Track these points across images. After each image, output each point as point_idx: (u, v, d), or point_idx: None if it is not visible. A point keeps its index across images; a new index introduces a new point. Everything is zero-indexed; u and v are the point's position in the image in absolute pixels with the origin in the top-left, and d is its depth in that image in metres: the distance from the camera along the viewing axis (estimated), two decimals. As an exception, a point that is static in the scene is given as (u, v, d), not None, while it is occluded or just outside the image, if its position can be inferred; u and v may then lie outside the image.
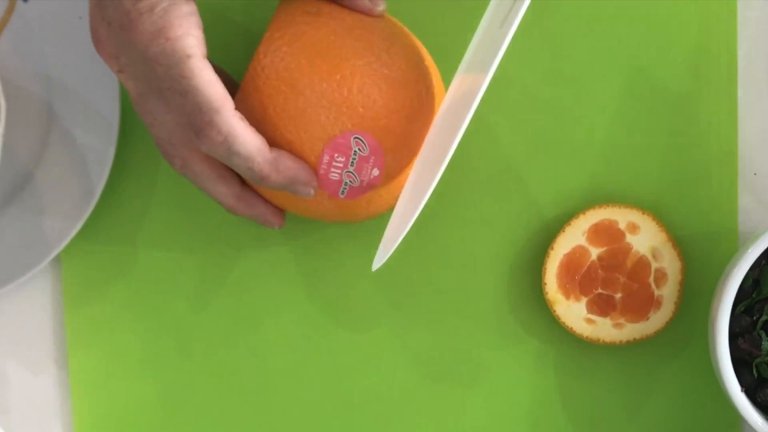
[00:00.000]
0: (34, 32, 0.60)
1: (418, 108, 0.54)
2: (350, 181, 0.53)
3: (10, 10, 0.60)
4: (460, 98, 0.51)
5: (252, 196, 0.56)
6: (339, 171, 0.53)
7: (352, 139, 0.52)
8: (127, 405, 0.63)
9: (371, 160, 0.53)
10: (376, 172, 0.53)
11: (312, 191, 0.53)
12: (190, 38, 0.49)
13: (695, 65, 0.60)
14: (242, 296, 0.63)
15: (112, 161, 0.60)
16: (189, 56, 0.49)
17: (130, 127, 0.61)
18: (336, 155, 0.52)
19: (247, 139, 0.50)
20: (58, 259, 0.63)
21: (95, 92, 0.60)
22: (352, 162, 0.53)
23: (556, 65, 0.60)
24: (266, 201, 0.56)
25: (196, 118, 0.49)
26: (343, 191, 0.54)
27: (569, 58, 0.60)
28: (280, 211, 0.57)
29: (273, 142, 0.52)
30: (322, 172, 0.53)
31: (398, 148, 0.53)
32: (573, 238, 0.60)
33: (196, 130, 0.50)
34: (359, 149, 0.52)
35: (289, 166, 0.52)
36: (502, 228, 0.62)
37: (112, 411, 0.63)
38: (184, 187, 0.62)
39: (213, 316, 0.63)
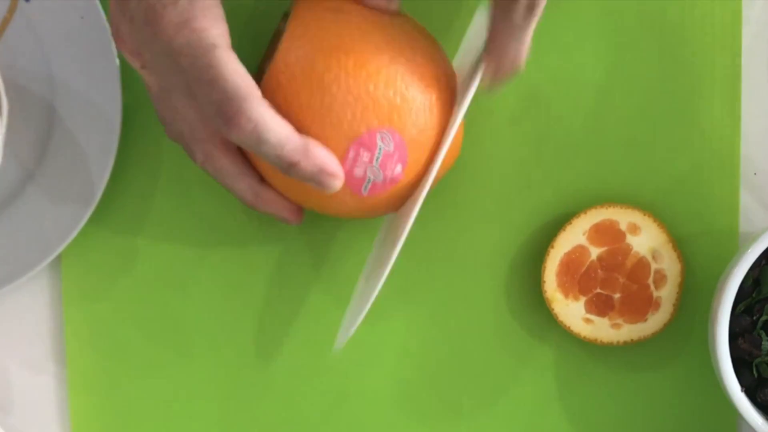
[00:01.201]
0: (36, 32, 0.60)
1: (441, 103, 0.54)
2: (374, 176, 0.53)
3: (12, 9, 0.60)
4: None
5: (271, 193, 0.55)
6: (363, 167, 0.52)
7: (378, 135, 0.52)
8: (126, 404, 0.63)
9: (395, 156, 0.53)
10: (399, 168, 0.53)
11: (338, 183, 0.52)
12: (214, 29, 0.49)
13: (699, 64, 0.60)
14: (243, 294, 0.63)
15: (114, 161, 0.60)
16: (215, 46, 0.49)
17: (132, 127, 0.61)
18: (362, 150, 0.52)
19: (276, 125, 0.50)
20: (58, 258, 0.63)
21: (97, 92, 0.60)
22: (377, 158, 0.52)
23: (558, 65, 0.61)
24: (284, 198, 0.56)
25: (224, 107, 0.49)
26: (366, 187, 0.53)
27: (572, 57, 0.60)
28: (298, 207, 0.57)
29: None
30: (346, 168, 0.52)
31: (421, 143, 0.53)
32: (573, 237, 0.60)
33: (226, 119, 0.49)
34: (384, 145, 0.52)
35: (319, 153, 0.51)
36: (503, 226, 0.61)
37: (110, 410, 0.63)
38: (186, 187, 0.62)
39: (214, 314, 0.63)
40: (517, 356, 0.62)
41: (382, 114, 0.52)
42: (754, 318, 0.58)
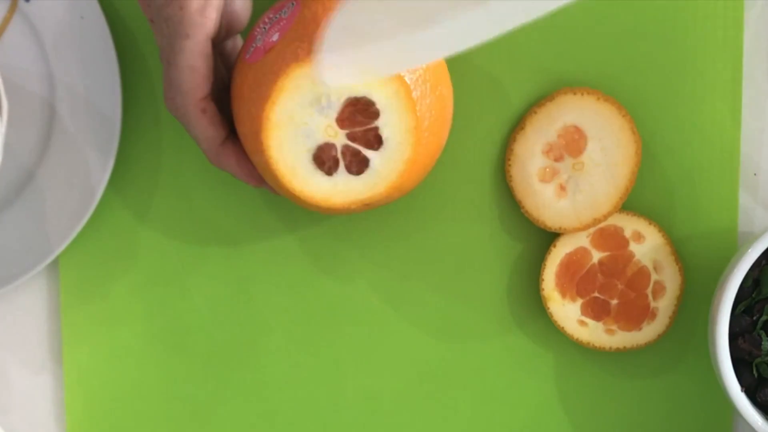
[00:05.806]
0: (36, 32, 0.60)
1: None
2: (259, 40, 0.52)
3: (12, 9, 0.60)
4: None
5: (230, 157, 0.55)
6: (260, 28, 0.53)
7: (290, 2, 0.52)
8: (122, 404, 0.63)
9: (281, 24, 0.51)
10: (275, 36, 0.51)
11: (252, 184, 0.55)
12: (200, 17, 0.51)
13: (700, 65, 0.60)
14: (242, 295, 0.62)
15: (114, 161, 0.60)
16: (187, 36, 0.51)
17: (132, 127, 0.61)
18: (271, 14, 0.53)
19: (201, 127, 0.54)
20: (56, 258, 0.63)
21: (97, 92, 0.60)
22: (272, 20, 0.52)
23: (557, 66, 0.60)
24: (245, 163, 0.55)
25: (165, 87, 0.53)
26: (249, 51, 0.53)
27: (571, 58, 0.60)
28: (254, 172, 0.56)
29: None
30: (256, 30, 0.53)
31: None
32: (577, 238, 0.60)
33: (168, 98, 0.54)
34: (285, 11, 0.52)
35: (230, 166, 0.55)
36: (507, 222, 0.61)
37: (106, 410, 0.63)
38: (185, 188, 0.62)
39: (212, 314, 0.63)
40: (517, 358, 0.62)
41: None
42: (754, 318, 0.58)
